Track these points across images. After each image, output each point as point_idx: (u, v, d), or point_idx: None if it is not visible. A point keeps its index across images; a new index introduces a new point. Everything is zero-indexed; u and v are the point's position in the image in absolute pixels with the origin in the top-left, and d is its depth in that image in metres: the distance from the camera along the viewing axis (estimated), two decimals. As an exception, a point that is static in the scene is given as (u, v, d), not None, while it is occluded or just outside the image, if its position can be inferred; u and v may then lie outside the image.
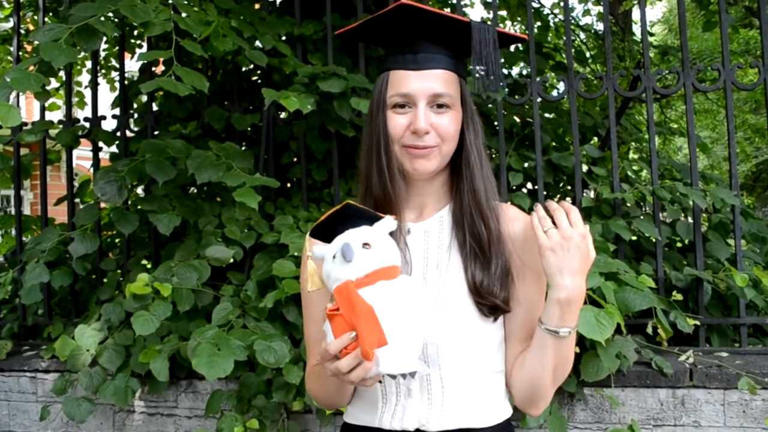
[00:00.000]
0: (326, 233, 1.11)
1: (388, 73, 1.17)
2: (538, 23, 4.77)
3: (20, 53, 3.27)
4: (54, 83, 4.22)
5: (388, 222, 1.10)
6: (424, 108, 1.14)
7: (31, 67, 2.19)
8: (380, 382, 1.06)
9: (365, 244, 1.04)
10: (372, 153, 1.18)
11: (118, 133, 3.07)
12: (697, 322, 2.43)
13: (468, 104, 1.19)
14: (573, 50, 3.53)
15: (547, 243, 1.04)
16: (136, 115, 3.22)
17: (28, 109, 10.20)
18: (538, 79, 2.73)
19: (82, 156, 5.40)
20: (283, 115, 3.08)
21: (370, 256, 1.04)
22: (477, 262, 1.15)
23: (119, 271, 2.95)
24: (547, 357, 1.10)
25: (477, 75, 1.15)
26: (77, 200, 3.24)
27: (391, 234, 1.11)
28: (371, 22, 1.18)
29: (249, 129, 3.22)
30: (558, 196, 3.51)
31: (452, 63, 1.17)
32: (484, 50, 1.13)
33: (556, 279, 1.05)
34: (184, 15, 2.44)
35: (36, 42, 2.19)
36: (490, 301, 1.13)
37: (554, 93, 3.37)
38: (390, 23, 1.16)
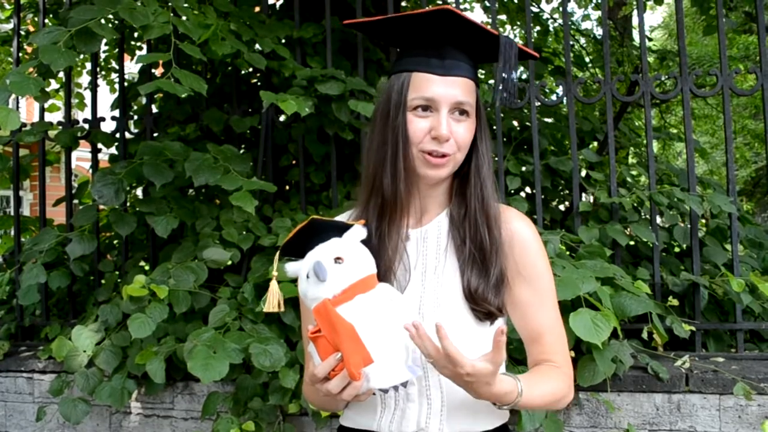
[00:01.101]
0: (297, 249, 1.09)
1: (410, 74, 1.16)
2: (538, 28, 4.78)
3: (20, 54, 3.27)
4: (54, 84, 4.23)
5: (357, 230, 1.09)
6: (447, 115, 1.13)
7: (31, 69, 2.20)
8: (374, 394, 1.06)
9: (337, 259, 1.03)
10: (387, 153, 1.16)
11: (118, 135, 3.07)
12: (693, 328, 2.43)
13: (482, 113, 1.20)
14: (572, 55, 3.54)
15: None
16: (135, 117, 3.22)
17: (29, 110, 10.21)
18: (537, 83, 2.74)
19: (83, 157, 5.41)
20: (282, 118, 3.08)
21: (343, 271, 1.02)
22: (474, 268, 1.15)
23: (117, 272, 2.96)
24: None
25: (500, 88, 1.16)
26: (76, 201, 3.25)
27: (390, 239, 1.12)
28: (399, 20, 1.16)
29: (248, 131, 3.23)
30: (556, 200, 3.52)
31: (472, 72, 1.17)
32: (509, 65, 1.14)
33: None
34: (183, 18, 2.45)
35: (35, 44, 2.20)
36: (484, 307, 1.13)
37: (553, 97, 3.37)
38: (423, 25, 1.15)
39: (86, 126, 3.07)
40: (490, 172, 1.21)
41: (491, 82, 2.97)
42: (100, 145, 3.11)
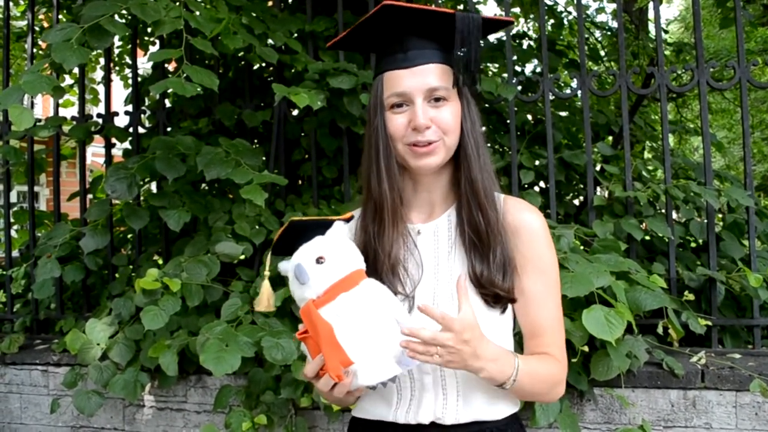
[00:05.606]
0: (286, 248, 1.10)
1: (383, 75, 1.18)
2: (552, 21, 4.73)
3: (35, 50, 3.29)
4: (68, 80, 4.26)
5: (339, 227, 1.10)
6: (422, 104, 1.14)
7: (45, 66, 2.21)
8: (369, 389, 1.07)
9: (319, 259, 1.04)
10: (371, 156, 1.19)
11: (131, 129, 3.09)
12: (710, 323, 2.40)
13: (464, 94, 1.19)
14: (587, 48, 3.50)
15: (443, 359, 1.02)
16: (148, 112, 3.24)
17: (44, 105, 10.29)
18: (550, 76, 2.71)
19: (97, 153, 5.47)
20: (294, 112, 3.08)
21: (325, 271, 1.03)
22: (476, 253, 1.15)
23: (130, 266, 2.97)
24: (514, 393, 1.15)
25: (458, 65, 1.14)
26: (90, 196, 3.27)
27: (388, 238, 1.13)
28: (358, 29, 1.18)
29: (260, 126, 3.23)
30: (570, 194, 3.49)
31: (444, 56, 1.16)
32: (467, 39, 1.12)
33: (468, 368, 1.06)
34: (195, 13, 2.45)
35: (48, 41, 2.21)
36: (491, 291, 1.14)
37: (567, 90, 3.34)
38: (377, 26, 1.16)
39: (100, 121, 3.08)
40: (478, 152, 1.19)
41: (505, 75, 2.94)
42: (113, 140, 3.13)
